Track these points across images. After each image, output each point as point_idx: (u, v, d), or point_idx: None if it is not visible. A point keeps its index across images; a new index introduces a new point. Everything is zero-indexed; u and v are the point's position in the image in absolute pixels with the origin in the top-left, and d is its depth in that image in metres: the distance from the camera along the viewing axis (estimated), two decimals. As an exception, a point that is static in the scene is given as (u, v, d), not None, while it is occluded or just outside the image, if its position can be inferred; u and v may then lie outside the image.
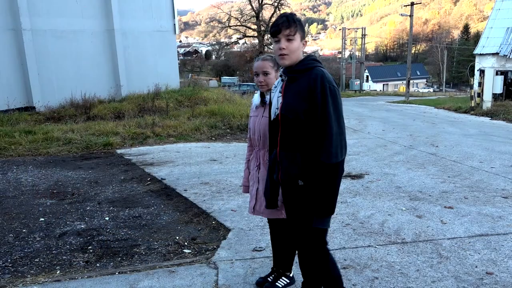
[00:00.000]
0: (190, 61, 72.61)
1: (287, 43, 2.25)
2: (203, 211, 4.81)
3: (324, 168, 2.19)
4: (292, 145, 2.28)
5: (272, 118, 2.44)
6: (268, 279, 3.08)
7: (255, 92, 3.06)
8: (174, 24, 17.41)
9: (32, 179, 6.34)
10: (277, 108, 2.34)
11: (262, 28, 41.52)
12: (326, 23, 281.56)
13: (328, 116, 2.18)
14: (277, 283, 3.02)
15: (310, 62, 2.31)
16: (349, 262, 3.46)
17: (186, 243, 3.97)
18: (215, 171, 6.65)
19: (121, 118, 11.55)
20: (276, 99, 2.39)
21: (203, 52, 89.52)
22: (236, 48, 56.88)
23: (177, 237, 4.12)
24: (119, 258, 3.66)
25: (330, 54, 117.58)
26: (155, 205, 5.10)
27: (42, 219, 4.63)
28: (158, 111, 12.42)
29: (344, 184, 5.85)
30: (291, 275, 3.09)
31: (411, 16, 31.81)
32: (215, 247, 3.84)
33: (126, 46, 15.34)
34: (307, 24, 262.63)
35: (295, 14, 2.33)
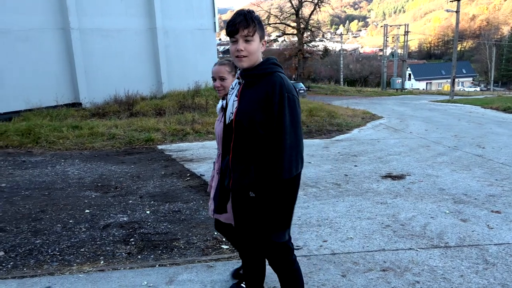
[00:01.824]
0: (228, 58, 73.13)
1: (245, 44, 2.09)
2: (241, 208, 4.84)
3: (277, 183, 2.08)
4: (245, 154, 2.14)
5: (226, 122, 2.29)
6: (240, 271, 3.10)
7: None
8: (214, 23, 17.62)
9: (79, 172, 6.62)
10: (232, 113, 2.19)
11: (302, 26, 41.19)
12: (367, 20, 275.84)
13: (284, 128, 2.04)
14: (242, 284, 3.01)
15: (270, 66, 2.15)
16: (389, 264, 3.38)
17: (224, 239, 4.02)
18: (253, 169, 6.67)
19: (162, 115, 11.82)
20: (231, 102, 2.23)
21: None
22: (275, 46, 56.75)
23: (215, 233, 4.17)
24: (159, 251, 3.76)
25: (371, 52, 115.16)
26: (194, 200, 5.19)
27: (88, 211, 4.82)
28: (198, 108, 12.62)
29: (385, 184, 5.72)
30: None
31: (457, 12, 30.60)
32: (252, 244, 3.86)
33: (168, 45, 15.67)
34: (347, 21, 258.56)
35: (253, 12, 2.17)
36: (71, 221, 4.51)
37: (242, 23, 2.07)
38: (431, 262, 3.41)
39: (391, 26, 61.52)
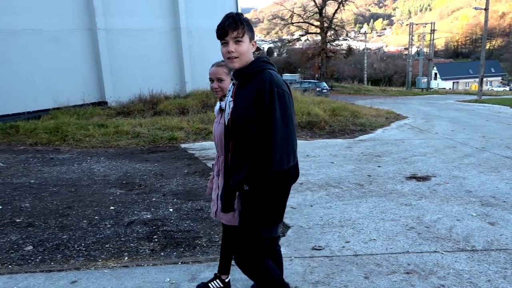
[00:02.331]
0: (252, 58, 73.15)
1: (235, 45, 2.14)
2: (263, 207, 4.84)
3: (269, 176, 2.09)
4: (242, 151, 2.20)
5: (226, 123, 2.34)
6: (209, 284, 2.98)
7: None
8: (238, 22, 17.66)
9: (104, 169, 6.75)
10: (229, 113, 2.25)
11: (325, 25, 40.87)
12: (392, 18, 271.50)
13: (275, 122, 2.07)
14: (209, 284, 2.95)
15: (260, 64, 2.20)
16: (413, 267, 3.32)
17: (245, 238, 4.03)
18: (275, 168, 6.66)
19: (185, 114, 11.94)
20: (228, 104, 2.30)
21: (265, 49, 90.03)
22: (298, 45, 56.56)
23: (237, 232, 4.19)
24: (182, 249, 3.80)
25: (396, 51, 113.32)
26: (216, 199, 5.22)
27: (112, 207, 4.91)
28: (221, 107, 12.67)
29: (409, 186, 5.62)
30: (226, 280, 2.99)
31: (486, 9, 29.78)
32: (274, 243, 3.86)
33: (191, 44, 15.81)
34: (372, 20, 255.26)
35: (242, 14, 2.20)
36: (96, 217, 4.61)
37: (231, 26, 2.14)
38: (457, 266, 3.33)
39: (417, 24, 60.39)
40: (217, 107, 2.81)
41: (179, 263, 3.47)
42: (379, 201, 5.00)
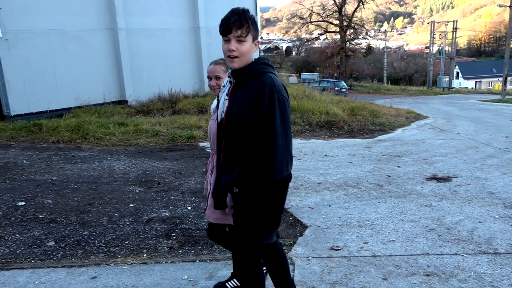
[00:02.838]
0: (270, 57, 73.15)
1: (237, 44, 2.06)
2: (280, 207, 4.83)
3: (268, 184, 2.07)
4: (235, 153, 2.15)
5: (218, 121, 2.29)
6: (226, 284, 2.99)
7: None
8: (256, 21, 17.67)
9: (124, 167, 6.85)
10: (223, 112, 2.19)
11: (345, 23, 40.54)
12: (413, 16, 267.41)
13: (275, 129, 2.02)
14: (227, 284, 2.96)
15: (261, 66, 2.13)
16: (433, 269, 3.27)
17: (263, 237, 4.03)
18: (293, 167, 6.63)
19: (204, 113, 12.00)
20: (222, 102, 2.24)
21: (284, 48, 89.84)
22: (317, 44, 56.31)
23: (255, 231, 4.20)
24: (200, 247, 3.83)
25: (417, 50, 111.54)
26: (234, 198, 5.24)
27: (132, 205, 4.98)
28: (239, 106, 12.70)
29: (429, 186, 5.53)
30: None
31: (511, 6, 29.06)
32: (291, 243, 3.85)
33: (210, 43, 15.88)
34: (392, 18, 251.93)
35: (248, 11, 2.12)
36: (116, 214, 4.68)
37: (236, 23, 2.05)
38: (478, 269, 3.26)
39: (438, 22, 59.32)
40: (213, 105, 2.80)
41: (197, 261, 3.49)
42: (398, 201, 4.94)
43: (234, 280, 2.97)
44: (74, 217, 4.61)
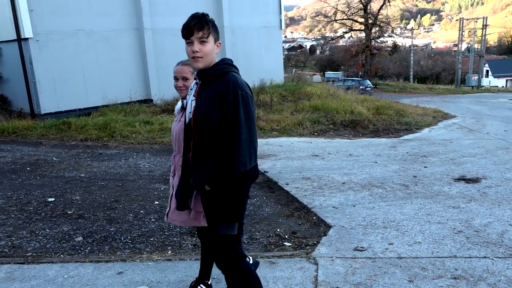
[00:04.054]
0: (294, 56, 72.94)
1: (200, 45, 2.18)
2: (304, 206, 4.83)
3: (233, 176, 2.15)
4: (204, 151, 2.23)
5: (186, 122, 2.36)
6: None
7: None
8: (280, 20, 17.64)
9: (149, 165, 6.96)
10: (190, 112, 2.27)
11: (370, 21, 39.94)
12: (441, 13, 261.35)
13: (239, 124, 2.13)
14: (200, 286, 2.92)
15: (224, 66, 2.24)
16: (461, 272, 3.19)
17: (286, 236, 4.03)
18: (317, 167, 6.62)
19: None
20: (190, 102, 2.32)
21: (308, 47, 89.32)
22: (341, 42, 55.64)
23: (278, 230, 4.20)
24: (223, 245, 3.85)
25: (444, 47, 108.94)
26: (257, 196, 5.25)
27: (157, 202, 5.05)
28: (263, 105, 12.73)
29: (457, 188, 5.40)
30: (209, 282, 2.96)
31: (545, 2, 27.98)
32: (315, 242, 3.83)
33: (234, 42, 15.95)
34: (419, 15, 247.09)
35: (207, 15, 2.26)
36: (141, 211, 4.76)
37: (197, 26, 2.19)
38: (508, 273, 3.17)
39: (467, 19, 57.75)
40: (178, 106, 2.81)
41: (221, 258, 3.51)
42: (425, 202, 4.84)
43: (201, 285, 2.93)
44: (101, 213, 4.72)
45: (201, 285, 2.98)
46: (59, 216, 4.66)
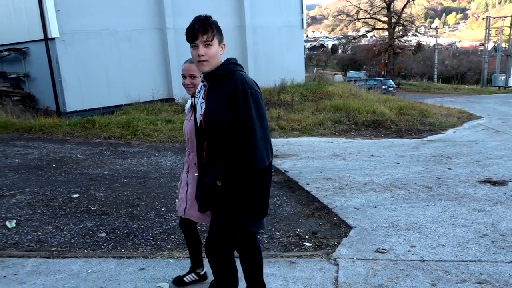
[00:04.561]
0: (315, 55, 72.41)
1: (205, 49, 2.18)
2: (324, 206, 4.79)
3: (253, 174, 2.17)
4: (217, 150, 2.25)
5: (198, 124, 2.39)
6: (184, 278, 3.07)
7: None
8: (302, 19, 17.56)
9: (170, 163, 7.03)
10: (201, 115, 2.29)
11: (393, 20, 39.34)
12: (467, 12, 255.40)
13: (252, 121, 2.14)
14: (184, 278, 3.03)
15: (230, 66, 2.25)
16: (486, 277, 3.12)
17: (306, 236, 4.01)
18: (338, 167, 6.56)
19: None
20: (199, 105, 2.35)
21: (329, 46, 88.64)
22: (363, 41, 55.04)
23: (298, 230, 4.18)
24: (244, 244, 3.86)
25: (470, 47, 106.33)
26: (278, 196, 5.25)
27: (178, 200, 5.10)
28: (283, 104, 12.70)
29: (483, 190, 5.28)
30: (201, 272, 3.06)
31: None
32: (335, 243, 3.81)
33: (255, 42, 15.96)
34: (444, 14, 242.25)
35: (211, 17, 2.24)
36: (163, 209, 4.82)
37: (201, 29, 2.17)
38: (536, 279, 3.07)
39: (494, 18, 56.27)
40: (188, 104, 2.84)
41: (241, 257, 3.52)
42: (449, 205, 4.75)
43: (192, 274, 3.07)
44: (124, 210, 4.80)
45: (192, 274, 3.08)
46: (83, 212, 4.76)
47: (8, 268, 3.38)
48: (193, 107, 2.68)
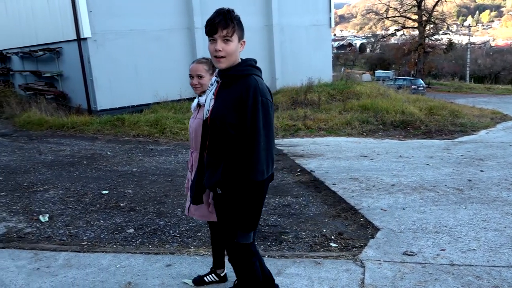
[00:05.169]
0: (343, 54, 71.56)
1: (223, 44, 2.08)
2: (351, 207, 4.74)
3: (250, 185, 2.09)
4: (218, 152, 2.19)
5: (204, 119, 2.32)
6: (204, 278, 3.07)
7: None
8: (330, 18, 17.39)
9: (197, 162, 7.10)
10: (208, 110, 2.22)
11: (424, 18, 38.47)
12: (502, 9, 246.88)
13: (257, 131, 2.06)
14: (204, 278, 3.03)
15: (247, 68, 2.15)
16: (520, 283, 3.01)
17: (332, 237, 3.98)
18: (365, 167, 6.47)
19: (275, 110, 12.08)
20: (208, 100, 2.26)
21: (357, 45, 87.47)
22: (393, 40, 54.04)
23: (324, 230, 4.15)
24: (269, 243, 3.87)
25: (505, 45, 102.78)
26: (304, 196, 5.22)
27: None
28: (310, 104, 12.63)
29: (517, 193, 5.09)
30: (222, 274, 3.04)
31: None
32: (362, 245, 3.76)
33: (283, 41, 15.91)
34: (477, 12, 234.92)
35: (233, 11, 2.11)
36: (189, 206, 4.87)
37: (221, 23, 2.07)
38: None
39: (531, 15, 54.08)
40: (194, 103, 2.83)
41: (266, 256, 3.53)
42: (480, 208, 4.61)
43: (212, 275, 3.07)
44: (152, 207, 4.88)
45: (212, 274, 3.09)
46: (112, 208, 4.87)
47: (41, 261, 3.50)
48: (199, 106, 2.73)
